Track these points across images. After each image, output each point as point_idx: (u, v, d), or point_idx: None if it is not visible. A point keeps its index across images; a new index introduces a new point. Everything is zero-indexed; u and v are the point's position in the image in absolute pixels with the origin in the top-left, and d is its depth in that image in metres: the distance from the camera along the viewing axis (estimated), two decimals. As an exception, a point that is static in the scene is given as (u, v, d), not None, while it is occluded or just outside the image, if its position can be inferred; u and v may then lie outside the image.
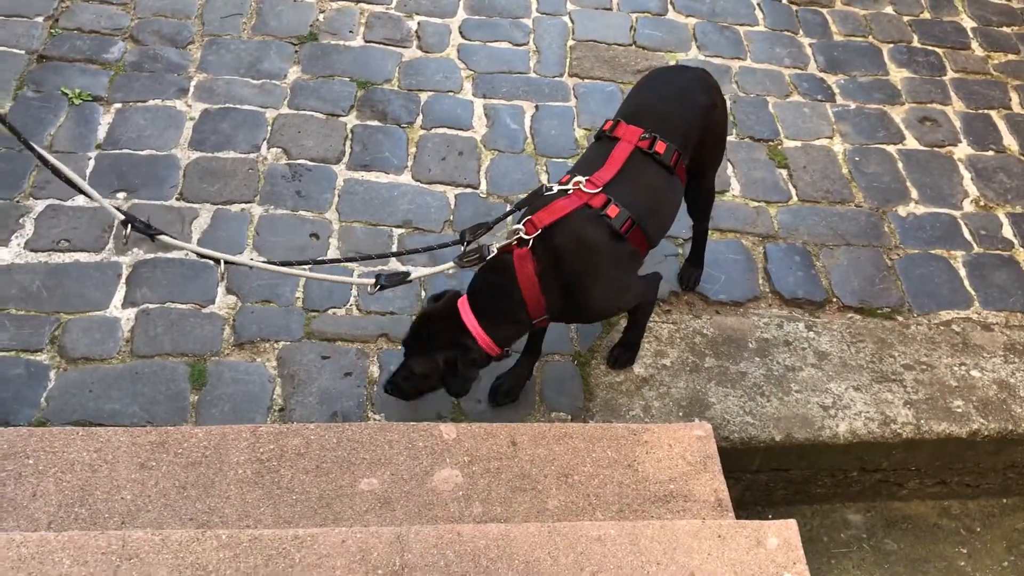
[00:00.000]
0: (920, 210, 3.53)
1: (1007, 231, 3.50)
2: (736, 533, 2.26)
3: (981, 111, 3.97)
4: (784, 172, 3.59)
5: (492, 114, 3.64)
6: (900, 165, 3.69)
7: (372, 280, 2.35)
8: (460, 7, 4.09)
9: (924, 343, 3.08)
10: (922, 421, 2.86)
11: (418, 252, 2.56)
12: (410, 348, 2.47)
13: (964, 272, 3.34)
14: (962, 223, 3.51)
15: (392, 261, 3.04)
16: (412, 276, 2.39)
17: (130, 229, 2.20)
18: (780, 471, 2.88)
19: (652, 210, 2.50)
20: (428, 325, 2.45)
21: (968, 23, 4.41)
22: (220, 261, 2.30)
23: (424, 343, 2.43)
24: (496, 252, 2.37)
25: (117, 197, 3.14)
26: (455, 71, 3.80)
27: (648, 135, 2.49)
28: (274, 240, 3.10)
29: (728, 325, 3.04)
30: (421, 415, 2.67)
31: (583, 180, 2.41)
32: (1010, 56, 4.26)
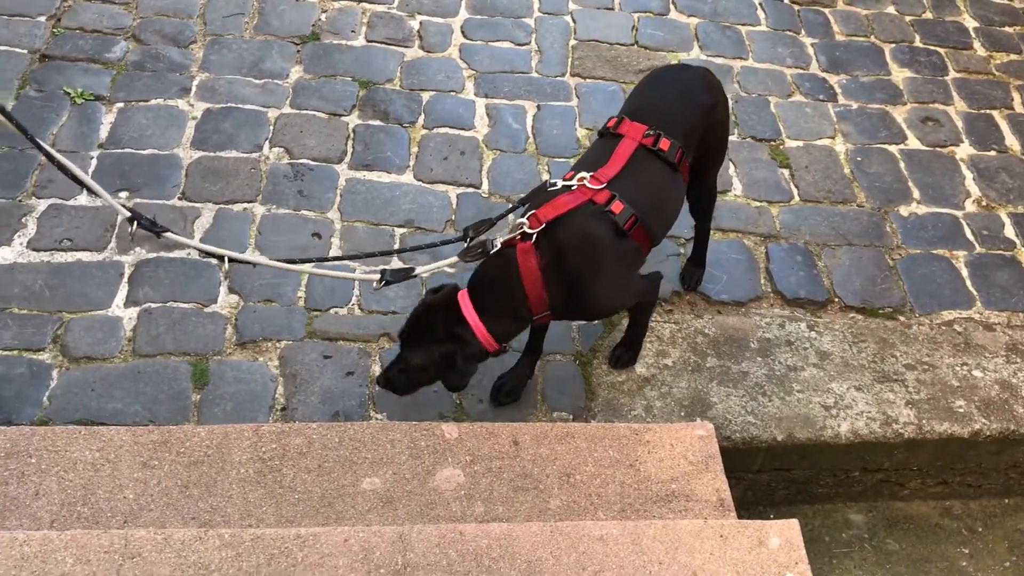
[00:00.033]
0: (922, 210, 3.53)
1: (1009, 231, 3.50)
2: (738, 533, 2.26)
3: (983, 111, 3.97)
4: (786, 172, 3.59)
5: (494, 114, 3.64)
6: (902, 165, 3.69)
7: (377, 276, 2.36)
8: (462, 7, 4.09)
9: (926, 343, 3.08)
10: (924, 421, 2.86)
11: (421, 249, 2.56)
12: (407, 341, 2.42)
13: (966, 272, 3.34)
14: (964, 223, 3.51)
15: (394, 260, 3.03)
16: (417, 272, 2.40)
17: (136, 226, 2.22)
18: (782, 471, 2.88)
19: (655, 207, 2.49)
20: (426, 317, 2.40)
21: (970, 23, 4.41)
22: (224, 258, 2.31)
23: (422, 335, 2.39)
24: (499, 246, 2.36)
25: (119, 196, 3.14)
26: (457, 71, 3.80)
27: (652, 132, 2.49)
28: (276, 240, 3.10)
29: (730, 325, 3.04)
30: (423, 415, 2.68)
31: (587, 176, 2.41)
32: (1012, 56, 4.26)
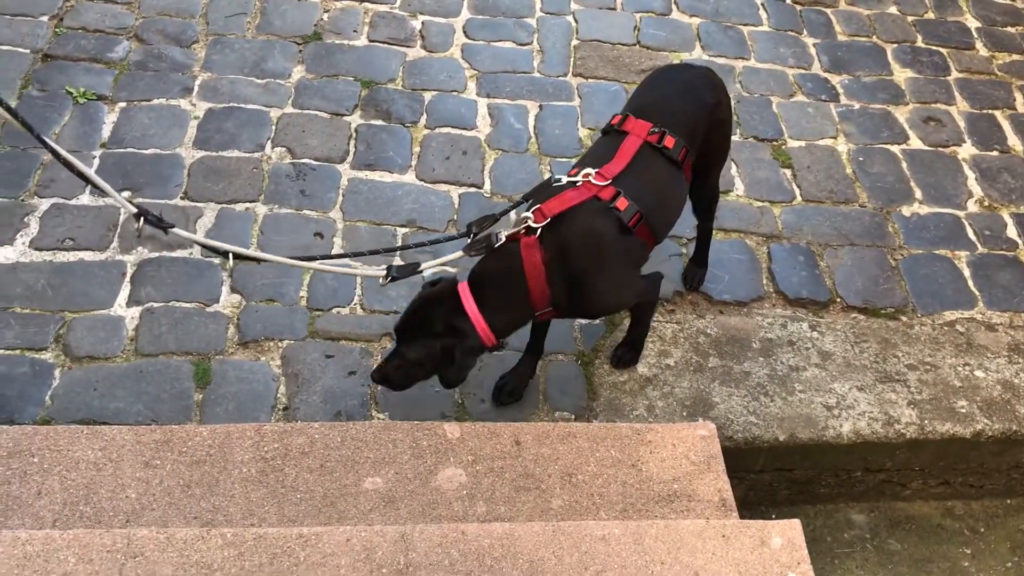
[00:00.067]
0: (924, 210, 3.53)
1: (1011, 231, 3.50)
2: (740, 533, 2.26)
3: (985, 111, 3.97)
4: (788, 172, 3.59)
5: (496, 114, 3.64)
6: (904, 165, 3.69)
7: (383, 272, 2.36)
8: (464, 7, 4.09)
9: (928, 343, 3.08)
10: (926, 421, 2.86)
11: (425, 246, 2.56)
12: (404, 334, 2.39)
13: (968, 272, 3.33)
14: (966, 223, 3.50)
15: (396, 259, 3.03)
16: (423, 267, 2.39)
17: (143, 222, 2.23)
18: (784, 471, 2.88)
19: (659, 205, 2.49)
20: (424, 310, 2.36)
21: (972, 23, 4.41)
22: (229, 255, 2.32)
23: (419, 329, 2.36)
24: (504, 240, 2.34)
25: (121, 196, 3.13)
26: (459, 70, 3.80)
27: (657, 129, 2.49)
28: (279, 239, 3.10)
29: (732, 325, 3.04)
30: (425, 414, 2.68)
31: (592, 172, 2.40)
32: (1014, 56, 4.26)
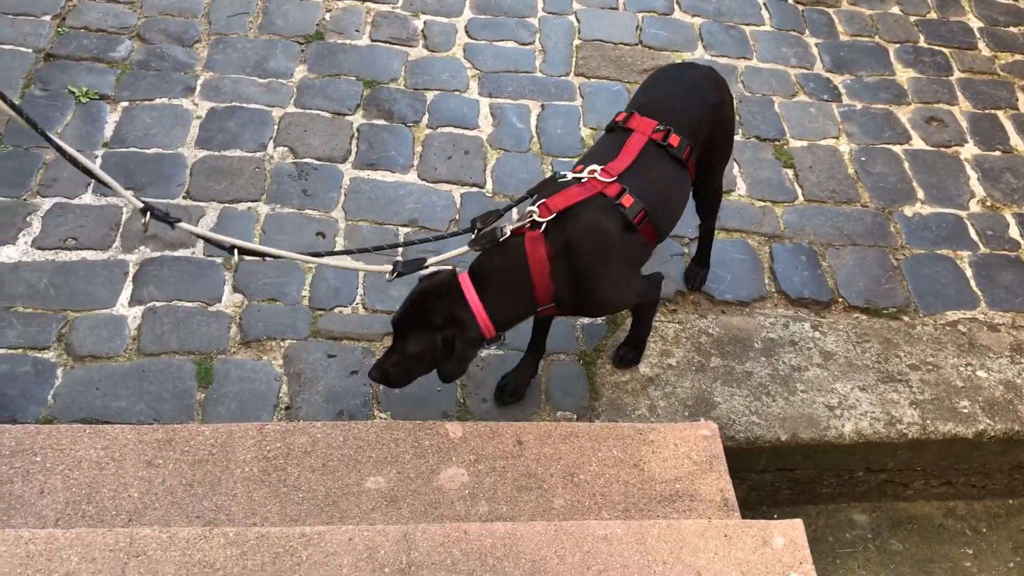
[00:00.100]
0: (926, 210, 3.53)
1: (1014, 231, 3.50)
2: (742, 533, 2.26)
3: (988, 111, 3.96)
4: (790, 172, 3.59)
5: (498, 113, 3.64)
6: (906, 165, 3.69)
7: (389, 268, 2.35)
8: (466, 6, 4.09)
9: (930, 343, 3.08)
10: (928, 421, 2.86)
11: (430, 241, 2.55)
12: (402, 327, 2.35)
13: (970, 272, 3.33)
14: (968, 223, 3.50)
15: (398, 257, 3.04)
16: (428, 263, 2.38)
17: (149, 217, 2.23)
18: (786, 471, 2.88)
19: (663, 203, 2.49)
20: (423, 303, 2.33)
21: (975, 23, 4.40)
22: (235, 250, 2.33)
23: (418, 321, 2.32)
24: (509, 234, 2.32)
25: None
26: (461, 70, 3.80)
27: (662, 127, 2.49)
28: (281, 239, 3.10)
29: (734, 325, 3.04)
30: (427, 414, 2.68)
31: (598, 169, 2.40)
32: (1017, 56, 4.25)
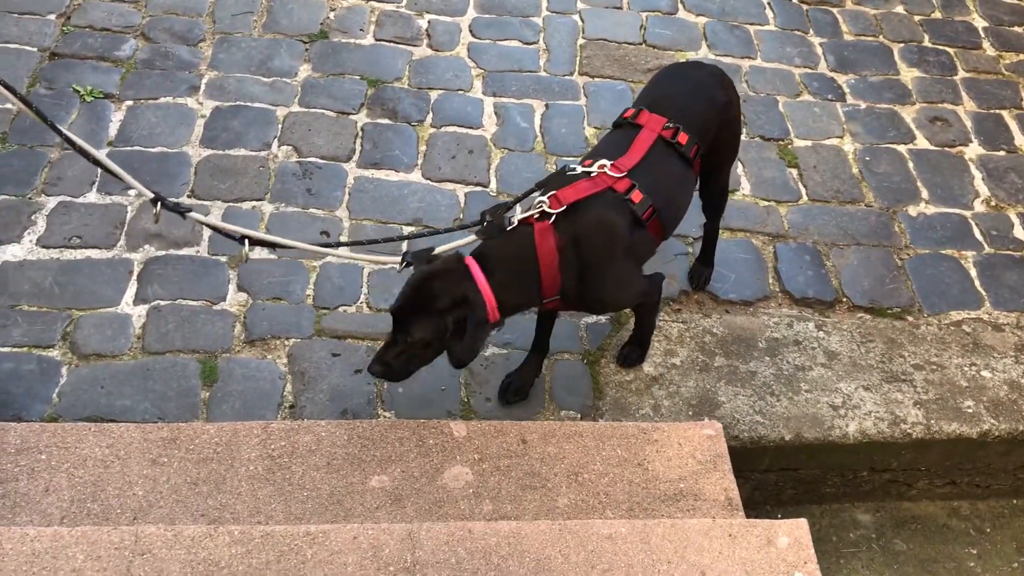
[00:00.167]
0: (931, 210, 3.53)
1: (1018, 231, 3.49)
2: (747, 532, 2.27)
3: (992, 111, 3.96)
4: (794, 171, 3.59)
5: (502, 112, 3.64)
6: (911, 165, 3.68)
7: (398, 259, 2.36)
8: (470, 5, 4.09)
9: (934, 343, 3.08)
10: (932, 421, 2.86)
11: (439, 233, 2.55)
12: (403, 316, 2.27)
13: (975, 272, 3.33)
14: (973, 223, 3.50)
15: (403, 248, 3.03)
16: (437, 251, 2.38)
17: (160, 207, 2.26)
18: (789, 470, 2.88)
19: (670, 200, 2.50)
20: (428, 285, 2.25)
21: (979, 23, 4.40)
22: (245, 240, 2.35)
23: (422, 307, 2.24)
24: (516, 223, 2.31)
25: (129, 194, 3.15)
26: (465, 69, 3.80)
27: (672, 125, 2.49)
28: (285, 237, 3.09)
29: (738, 324, 3.04)
30: (431, 413, 2.68)
31: (608, 164, 2.40)
32: (1022, 56, 4.24)
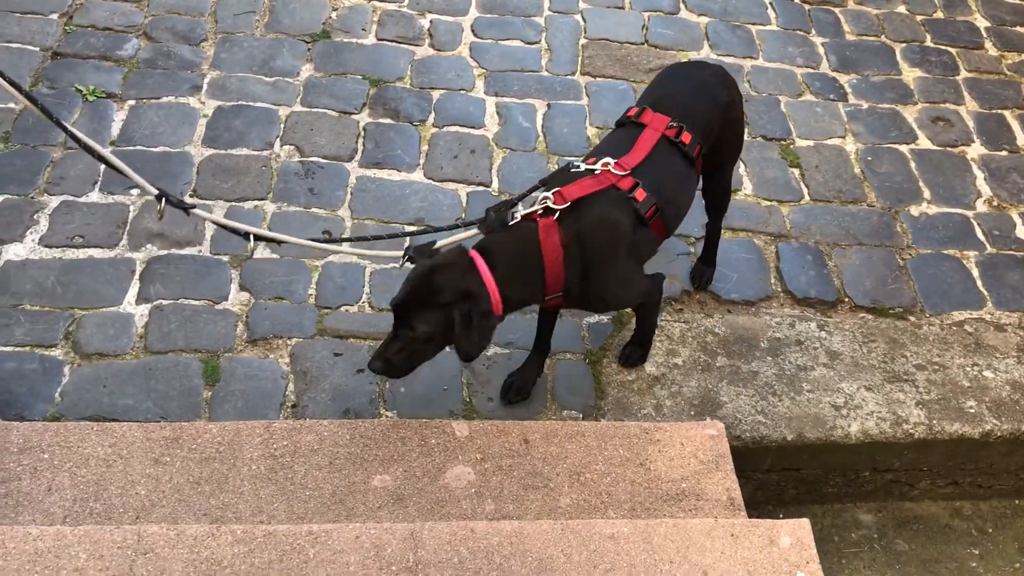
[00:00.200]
0: (933, 210, 3.52)
1: (1020, 231, 3.49)
2: (749, 532, 2.27)
3: (994, 111, 3.96)
4: (796, 171, 3.58)
5: (504, 112, 3.64)
6: (913, 165, 3.68)
7: (401, 254, 2.36)
8: (472, 5, 4.09)
9: (936, 343, 3.08)
10: (934, 421, 2.86)
11: (443, 230, 2.55)
12: (407, 309, 2.25)
13: (977, 272, 3.33)
14: (975, 223, 3.50)
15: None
16: (438, 244, 2.39)
17: (164, 203, 2.27)
18: (791, 470, 2.88)
19: (673, 199, 2.50)
20: (431, 278, 2.24)
21: (982, 23, 4.40)
22: (250, 235, 2.35)
23: (426, 300, 2.23)
24: (520, 218, 2.31)
25: (131, 193, 3.15)
26: (467, 69, 3.80)
27: (675, 124, 2.49)
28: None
29: (740, 324, 3.04)
30: (433, 412, 2.68)
31: (612, 162, 2.40)
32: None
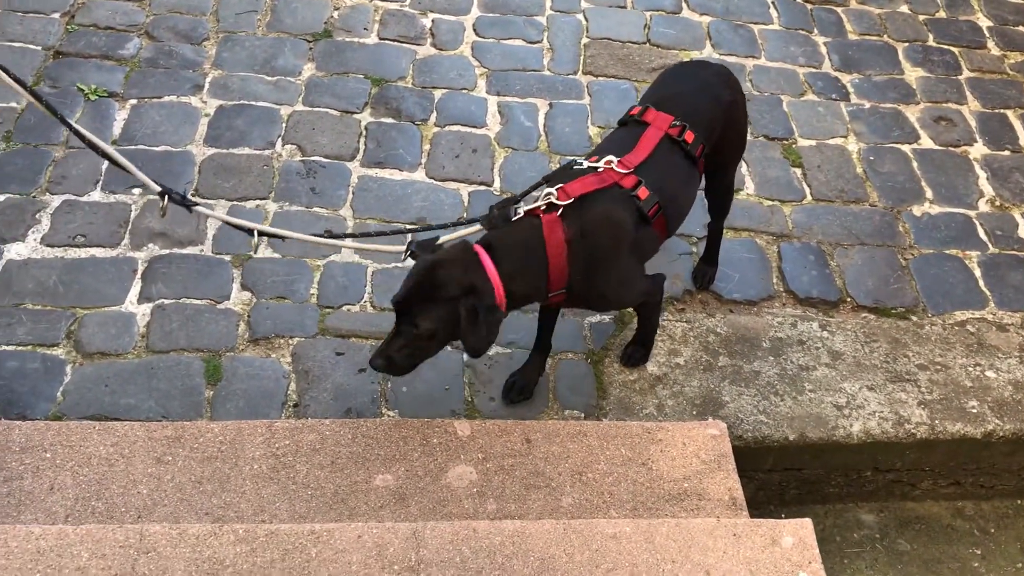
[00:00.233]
0: (935, 210, 3.52)
1: (1023, 231, 3.49)
2: (751, 532, 2.26)
3: (997, 110, 3.95)
4: (798, 171, 3.58)
5: (506, 112, 3.64)
6: (915, 165, 3.68)
7: (403, 248, 2.36)
8: (474, 5, 4.09)
9: (939, 343, 3.07)
10: (936, 421, 2.85)
11: (446, 227, 2.55)
12: (409, 305, 2.23)
13: (979, 272, 3.32)
14: (977, 223, 3.49)
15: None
16: (441, 240, 2.39)
17: (166, 200, 2.28)
18: (793, 470, 2.88)
19: (675, 198, 2.50)
20: (434, 273, 2.21)
21: (984, 22, 4.39)
22: (254, 231, 2.36)
23: (429, 296, 2.21)
24: (523, 214, 2.30)
25: (133, 192, 3.15)
26: (469, 68, 3.80)
27: (679, 123, 2.49)
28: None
29: (742, 324, 3.04)
30: (435, 412, 2.68)
31: (615, 160, 2.41)
32: (1026, 56, 4.25)
